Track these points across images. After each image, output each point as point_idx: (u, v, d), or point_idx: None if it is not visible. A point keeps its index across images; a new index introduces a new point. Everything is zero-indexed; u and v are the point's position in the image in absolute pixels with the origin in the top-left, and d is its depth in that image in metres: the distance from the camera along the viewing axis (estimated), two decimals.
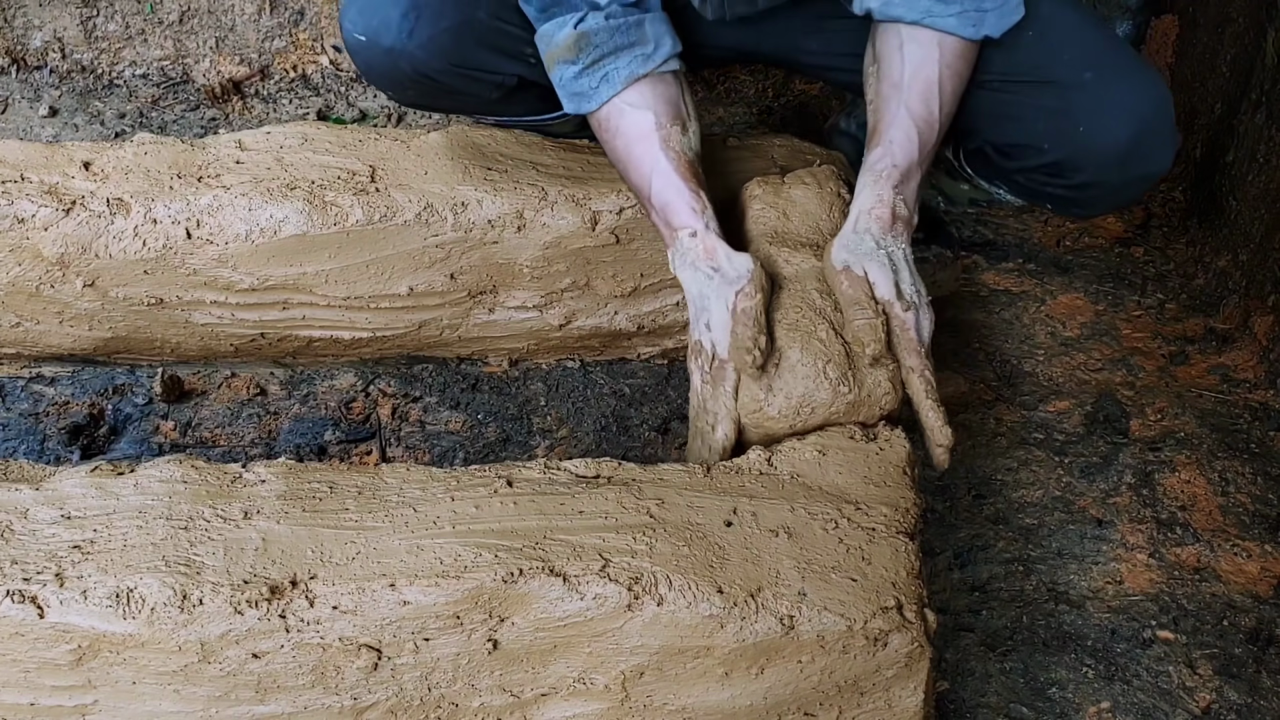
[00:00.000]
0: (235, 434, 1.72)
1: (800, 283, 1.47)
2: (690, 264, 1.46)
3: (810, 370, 1.37)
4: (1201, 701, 1.44)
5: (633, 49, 1.50)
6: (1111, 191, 1.63)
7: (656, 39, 1.52)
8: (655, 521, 1.25)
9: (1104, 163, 1.56)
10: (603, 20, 1.50)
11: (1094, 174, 1.58)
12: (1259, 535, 1.63)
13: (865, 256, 1.39)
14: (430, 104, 1.76)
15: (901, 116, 1.46)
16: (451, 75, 1.62)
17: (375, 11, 1.58)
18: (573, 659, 1.21)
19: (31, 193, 1.63)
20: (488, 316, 1.75)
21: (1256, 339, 1.88)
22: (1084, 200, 1.66)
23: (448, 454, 1.70)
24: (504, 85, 1.66)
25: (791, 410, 1.38)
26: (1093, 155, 1.56)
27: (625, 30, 1.50)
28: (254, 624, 1.16)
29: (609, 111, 1.52)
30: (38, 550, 1.20)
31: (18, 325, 1.71)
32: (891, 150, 1.45)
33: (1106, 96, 1.54)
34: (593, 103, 1.52)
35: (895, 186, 1.43)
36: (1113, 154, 1.55)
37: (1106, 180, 1.59)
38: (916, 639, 1.20)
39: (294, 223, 1.63)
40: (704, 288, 1.44)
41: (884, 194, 1.42)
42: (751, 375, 1.38)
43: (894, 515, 1.28)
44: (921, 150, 1.46)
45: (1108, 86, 1.55)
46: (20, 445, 1.68)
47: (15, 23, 2.31)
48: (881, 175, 1.44)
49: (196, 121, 2.31)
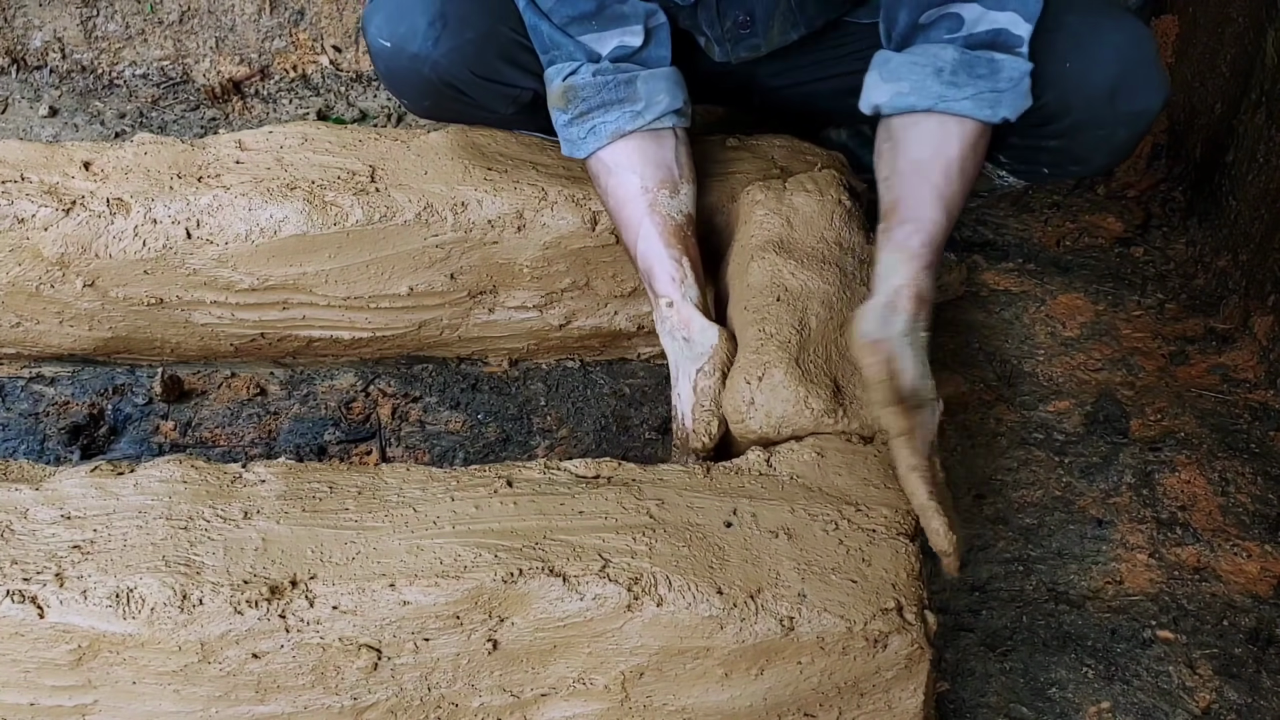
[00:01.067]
0: (235, 434, 1.72)
1: (801, 301, 1.49)
2: (668, 331, 1.54)
3: (791, 396, 1.40)
4: (1201, 701, 1.44)
5: (621, 105, 1.56)
6: (1105, 135, 1.60)
7: (649, 97, 1.56)
8: (655, 522, 1.25)
9: (1093, 98, 1.54)
10: (591, 76, 1.56)
11: (1085, 112, 1.56)
12: (1259, 535, 1.63)
13: (899, 339, 1.33)
14: (445, 114, 1.77)
15: (927, 194, 1.41)
16: (471, 84, 1.65)
17: (402, 19, 1.62)
18: (572, 659, 1.21)
19: (31, 193, 1.63)
20: (488, 316, 1.75)
21: (1256, 339, 1.88)
22: (1079, 151, 1.63)
23: (448, 454, 1.70)
24: (519, 100, 1.70)
25: (771, 427, 1.41)
26: (1081, 92, 1.54)
27: (613, 87, 1.55)
28: (254, 624, 1.16)
29: (597, 164, 1.59)
30: (38, 550, 1.20)
31: (18, 325, 1.71)
32: (922, 229, 1.39)
33: (1088, 34, 1.53)
34: (581, 151, 1.60)
35: (926, 268, 1.38)
36: (1101, 87, 1.53)
37: (1098, 119, 1.57)
38: (916, 640, 1.20)
39: (294, 223, 1.63)
40: (677, 356, 1.53)
41: (918, 274, 1.37)
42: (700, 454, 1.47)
43: (894, 517, 1.28)
44: (946, 232, 1.42)
45: (1088, 25, 1.54)
46: (20, 445, 1.68)
47: (15, 23, 2.31)
48: (914, 255, 1.38)
49: (196, 121, 2.31)
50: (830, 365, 1.44)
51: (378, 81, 2.38)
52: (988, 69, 1.43)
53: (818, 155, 1.76)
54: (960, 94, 1.43)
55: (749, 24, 1.66)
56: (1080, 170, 1.72)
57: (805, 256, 1.55)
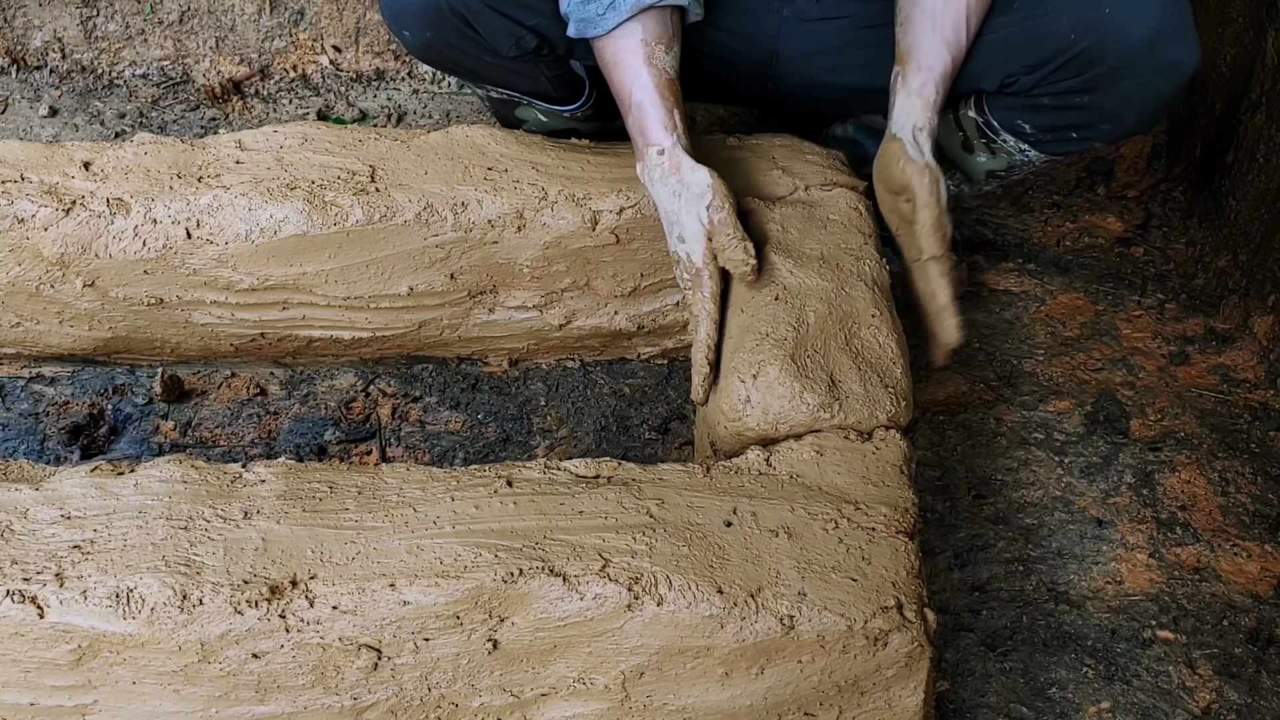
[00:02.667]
0: (235, 434, 1.72)
1: (799, 299, 1.50)
2: (659, 179, 1.54)
3: (786, 391, 1.41)
4: (1201, 701, 1.44)
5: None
6: (1141, 84, 1.60)
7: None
8: (655, 521, 1.25)
9: (1131, 45, 1.56)
10: None
11: (1122, 60, 1.57)
12: (1259, 535, 1.63)
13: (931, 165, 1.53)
14: (443, 51, 1.72)
15: (938, 44, 1.56)
16: (480, 13, 1.62)
17: None
18: (573, 659, 1.21)
19: (31, 193, 1.63)
20: (488, 316, 1.75)
21: (1256, 339, 1.88)
22: (1111, 106, 1.63)
23: (448, 454, 1.70)
24: (522, 43, 1.66)
25: (769, 424, 1.41)
26: (1119, 38, 1.56)
27: None
28: (254, 624, 1.16)
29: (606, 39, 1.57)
30: (38, 550, 1.20)
31: (18, 325, 1.71)
32: (933, 76, 1.56)
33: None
34: (598, 29, 1.56)
35: (938, 109, 1.57)
36: (1140, 33, 1.55)
37: (1135, 67, 1.58)
38: (916, 639, 1.20)
39: (294, 223, 1.63)
40: (673, 203, 1.53)
41: (932, 117, 1.56)
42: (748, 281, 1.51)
43: (893, 515, 1.28)
44: (952, 78, 1.59)
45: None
46: (20, 445, 1.68)
47: (15, 23, 2.31)
48: (928, 101, 1.56)
49: (196, 121, 2.31)
50: (827, 360, 1.44)
51: (378, 81, 2.38)
52: None
53: (818, 154, 1.76)
54: None
55: None
56: (1111, 131, 1.71)
57: (804, 257, 1.55)
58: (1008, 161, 1.78)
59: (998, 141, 1.75)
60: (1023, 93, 1.67)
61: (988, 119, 1.74)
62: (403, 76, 2.39)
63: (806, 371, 1.42)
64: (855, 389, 1.42)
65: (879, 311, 1.50)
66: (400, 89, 2.38)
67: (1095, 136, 1.72)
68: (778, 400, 1.40)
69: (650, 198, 1.59)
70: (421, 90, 2.38)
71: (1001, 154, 1.77)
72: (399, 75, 2.39)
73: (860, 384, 1.42)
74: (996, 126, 1.74)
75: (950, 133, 1.79)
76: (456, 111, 2.34)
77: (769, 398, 1.41)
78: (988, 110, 1.73)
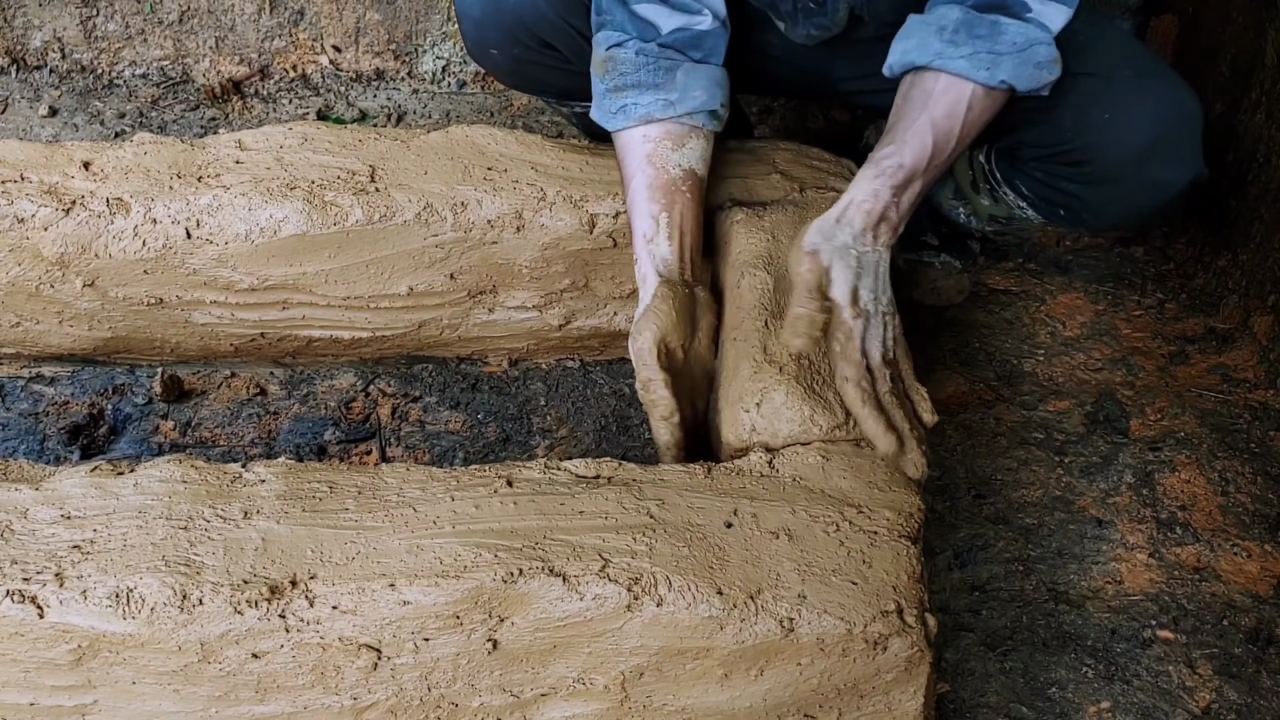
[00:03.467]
0: (235, 434, 1.72)
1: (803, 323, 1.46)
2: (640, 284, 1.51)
3: (795, 415, 1.36)
4: (1201, 701, 1.44)
5: (657, 90, 1.54)
6: (1124, 194, 1.59)
7: (685, 88, 1.54)
8: (655, 522, 1.25)
9: (1121, 154, 1.54)
10: (634, 54, 1.54)
11: (1110, 166, 1.56)
12: (1259, 535, 1.63)
13: (836, 250, 1.35)
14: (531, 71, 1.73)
15: (922, 122, 1.41)
16: (558, 31, 1.63)
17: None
18: (572, 659, 1.21)
19: (31, 193, 1.63)
20: (487, 316, 1.75)
21: (1256, 339, 1.88)
22: (1094, 202, 1.63)
23: (448, 454, 1.70)
24: None
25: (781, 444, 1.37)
26: (1111, 144, 1.54)
27: (652, 70, 1.54)
28: (254, 624, 1.16)
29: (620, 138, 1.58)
30: (37, 550, 1.20)
31: (18, 325, 1.71)
32: (902, 151, 1.40)
33: (1138, 91, 1.53)
34: (610, 125, 1.58)
35: (895, 187, 1.39)
36: (1131, 146, 1.53)
37: (1121, 176, 1.57)
38: (917, 643, 1.20)
39: (294, 222, 1.63)
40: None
41: (880, 191, 1.39)
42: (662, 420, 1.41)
43: (896, 519, 1.28)
44: (932, 160, 1.42)
45: (1142, 83, 1.54)
46: (20, 445, 1.68)
47: (15, 23, 2.31)
48: (885, 171, 1.39)
49: (196, 121, 2.31)
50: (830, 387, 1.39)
51: (377, 81, 2.38)
52: (989, 30, 1.41)
53: (825, 160, 1.75)
54: (958, 52, 1.41)
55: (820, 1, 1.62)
56: (1092, 222, 1.69)
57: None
58: (1008, 212, 1.79)
59: (999, 192, 1.76)
60: (1023, 160, 1.67)
61: (992, 168, 1.75)
62: (402, 76, 2.39)
63: (815, 392, 1.38)
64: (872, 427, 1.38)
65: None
66: (400, 89, 2.38)
67: (1079, 222, 1.73)
68: (787, 424, 1.37)
69: None
70: (421, 90, 2.38)
71: (1002, 204, 1.79)
72: (399, 75, 2.39)
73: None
74: (999, 179, 1.74)
75: (963, 169, 1.80)
76: (456, 111, 2.34)
77: (776, 423, 1.37)
78: (994, 160, 1.74)
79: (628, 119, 1.55)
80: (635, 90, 1.54)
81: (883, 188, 1.39)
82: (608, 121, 1.58)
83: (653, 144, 1.54)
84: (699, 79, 1.56)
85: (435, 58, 2.37)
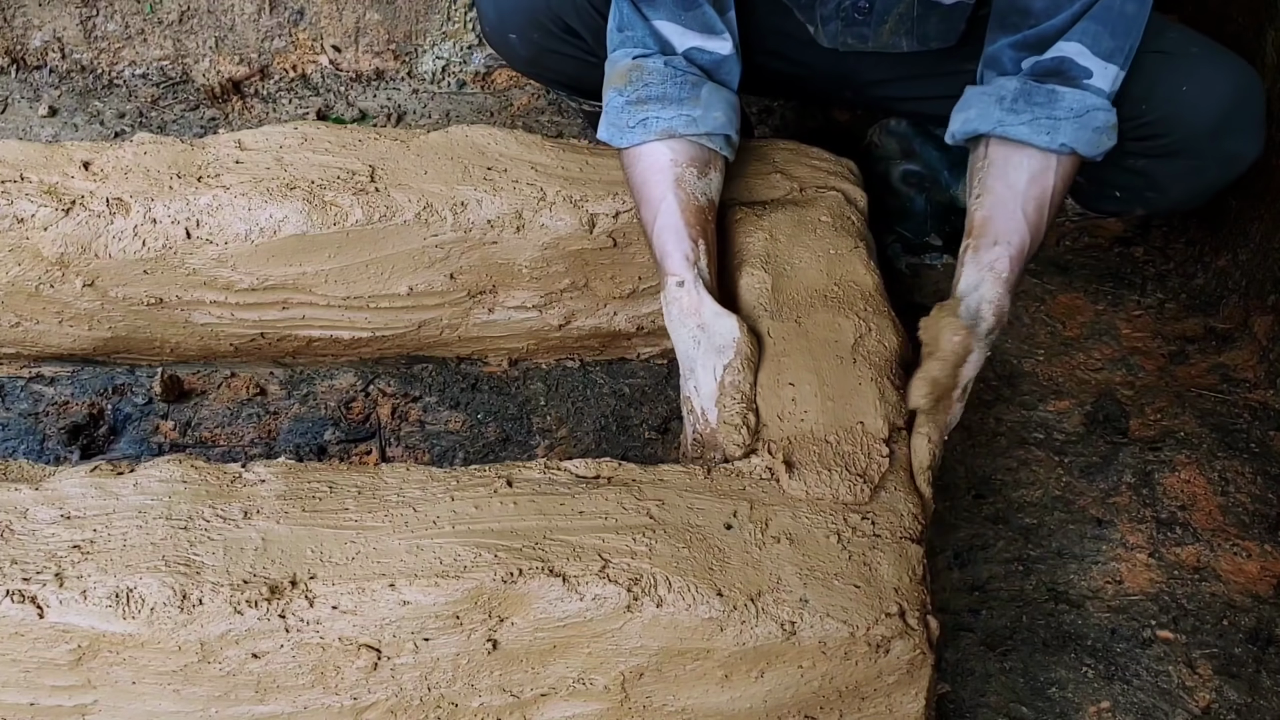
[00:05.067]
0: (235, 434, 1.72)
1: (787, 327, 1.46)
2: (677, 317, 1.47)
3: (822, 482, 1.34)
4: (1201, 701, 1.44)
5: (681, 105, 1.53)
6: (1195, 167, 1.60)
7: (708, 106, 1.54)
8: (655, 523, 1.25)
9: (1198, 126, 1.56)
10: (661, 64, 1.54)
11: (1186, 139, 1.57)
12: (1259, 535, 1.63)
13: (979, 336, 1.42)
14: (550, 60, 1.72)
15: (1019, 221, 1.46)
16: (581, 14, 1.63)
17: None
18: (572, 659, 1.21)
19: (31, 193, 1.63)
20: (487, 316, 1.75)
21: (1256, 339, 1.88)
22: (1162, 178, 1.63)
23: (447, 454, 1.70)
24: None
25: None
26: (1189, 116, 1.55)
27: (679, 83, 1.53)
28: (254, 624, 1.16)
29: (633, 154, 1.56)
30: (37, 550, 1.20)
31: (17, 325, 1.71)
32: (1010, 253, 1.46)
33: (1212, 65, 1.56)
34: (624, 141, 1.56)
35: (1009, 289, 1.46)
36: (1209, 117, 1.55)
37: (1196, 148, 1.58)
38: (919, 646, 1.20)
39: (294, 222, 1.63)
40: (691, 349, 1.45)
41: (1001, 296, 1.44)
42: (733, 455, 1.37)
43: (899, 521, 1.28)
44: (1028, 259, 1.49)
45: (1214, 59, 1.57)
46: (20, 445, 1.68)
47: (15, 23, 2.31)
48: (1001, 278, 1.44)
49: (196, 121, 2.31)
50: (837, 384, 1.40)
51: (377, 81, 2.38)
52: (1046, 98, 1.46)
53: (825, 160, 1.75)
54: (1018, 119, 1.47)
55: (866, 11, 1.62)
56: (1155, 200, 1.69)
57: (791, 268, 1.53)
58: None
59: None
60: None
61: None
62: (402, 76, 2.39)
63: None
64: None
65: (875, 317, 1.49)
66: (400, 89, 2.38)
67: (1137, 201, 1.72)
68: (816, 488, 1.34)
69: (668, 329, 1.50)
70: (421, 90, 2.38)
71: None
72: (399, 75, 2.39)
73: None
74: None
75: None
76: (456, 111, 2.34)
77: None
78: None
79: (647, 133, 1.53)
80: (659, 104, 1.53)
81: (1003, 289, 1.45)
82: (623, 136, 1.55)
83: (680, 168, 1.52)
84: (720, 100, 1.56)
85: (435, 58, 2.37)
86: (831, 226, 1.61)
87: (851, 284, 1.53)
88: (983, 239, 1.47)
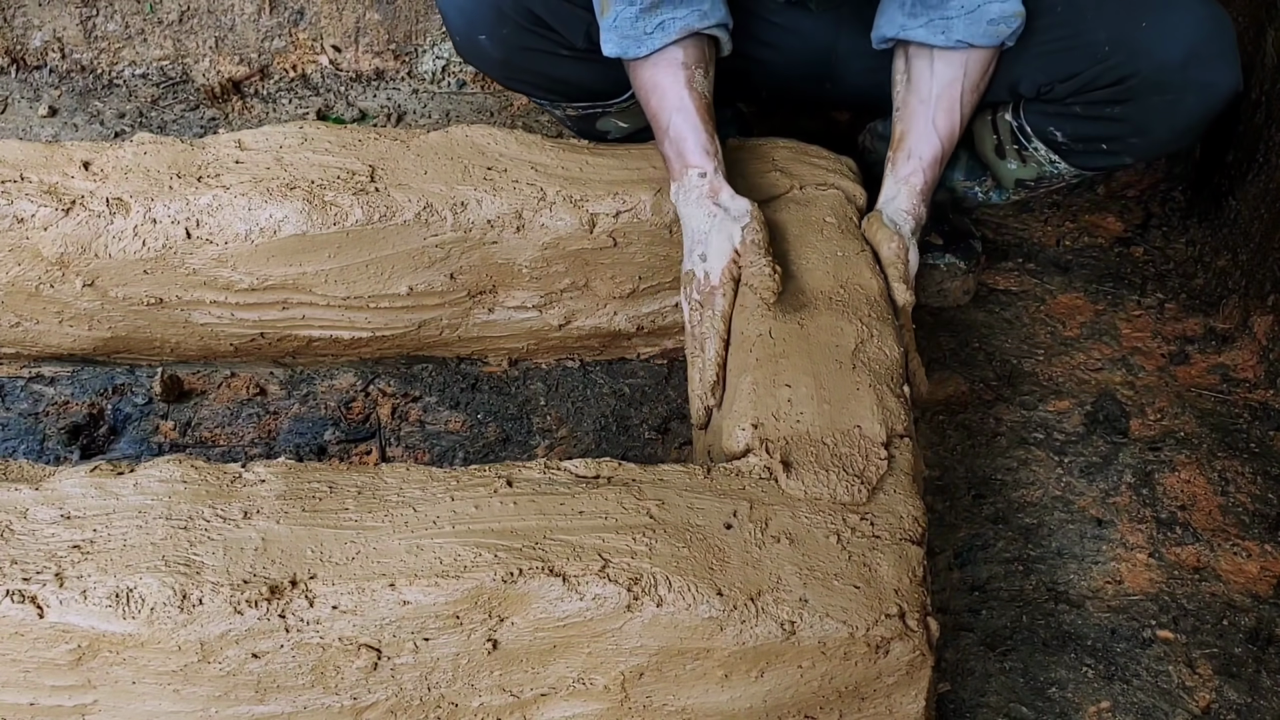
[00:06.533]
0: (235, 434, 1.72)
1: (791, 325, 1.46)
2: (694, 200, 1.56)
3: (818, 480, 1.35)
4: (1201, 701, 1.44)
5: (690, 4, 1.57)
6: (1172, 101, 1.61)
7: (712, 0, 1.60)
8: (655, 522, 1.25)
9: (1164, 61, 1.57)
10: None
11: (1154, 74, 1.58)
12: (1259, 535, 1.63)
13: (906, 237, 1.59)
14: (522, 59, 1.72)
15: (930, 133, 1.62)
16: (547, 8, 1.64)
17: None
18: (572, 659, 1.21)
19: (31, 192, 1.63)
20: (487, 316, 1.75)
21: (1256, 339, 1.88)
22: (1142, 120, 1.64)
23: (447, 454, 1.70)
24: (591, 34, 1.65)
25: None
26: (1152, 53, 1.57)
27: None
28: (254, 624, 1.16)
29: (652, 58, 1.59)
30: (37, 550, 1.20)
31: (17, 325, 1.71)
32: (922, 166, 1.62)
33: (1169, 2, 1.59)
34: (644, 49, 1.58)
35: (923, 195, 1.63)
36: (1174, 51, 1.57)
37: (1167, 83, 1.59)
38: (919, 647, 1.20)
39: (294, 222, 1.63)
40: (705, 224, 1.54)
41: (917, 204, 1.62)
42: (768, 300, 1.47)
43: (899, 522, 1.28)
44: (941, 165, 1.65)
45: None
46: (20, 445, 1.68)
47: (15, 23, 2.31)
48: (914, 189, 1.62)
49: (196, 121, 2.31)
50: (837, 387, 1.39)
51: (377, 81, 2.38)
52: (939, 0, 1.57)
53: (825, 158, 1.75)
54: (916, 23, 1.59)
55: None
56: (1140, 146, 1.71)
57: (797, 267, 1.54)
58: (1037, 171, 1.79)
59: (1029, 149, 1.76)
60: (1057, 100, 1.68)
61: (1021, 124, 1.75)
62: (402, 76, 2.39)
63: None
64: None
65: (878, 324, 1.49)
66: (400, 89, 2.38)
67: (1125, 150, 1.72)
68: None
69: (678, 215, 1.60)
70: (421, 90, 2.38)
71: (1031, 163, 1.78)
72: (399, 75, 2.39)
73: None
74: (1029, 133, 1.75)
75: (985, 134, 1.80)
76: (456, 111, 2.34)
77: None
78: (1023, 115, 1.74)
79: (667, 35, 1.56)
80: (670, 5, 1.55)
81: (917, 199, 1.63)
82: (641, 44, 1.57)
83: (690, 69, 1.59)
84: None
85: (435, 57, 2.37)
86: (837, 228, 1.61)
87: (857, 287, 1.53)
88: (899, 153, 1.65)
